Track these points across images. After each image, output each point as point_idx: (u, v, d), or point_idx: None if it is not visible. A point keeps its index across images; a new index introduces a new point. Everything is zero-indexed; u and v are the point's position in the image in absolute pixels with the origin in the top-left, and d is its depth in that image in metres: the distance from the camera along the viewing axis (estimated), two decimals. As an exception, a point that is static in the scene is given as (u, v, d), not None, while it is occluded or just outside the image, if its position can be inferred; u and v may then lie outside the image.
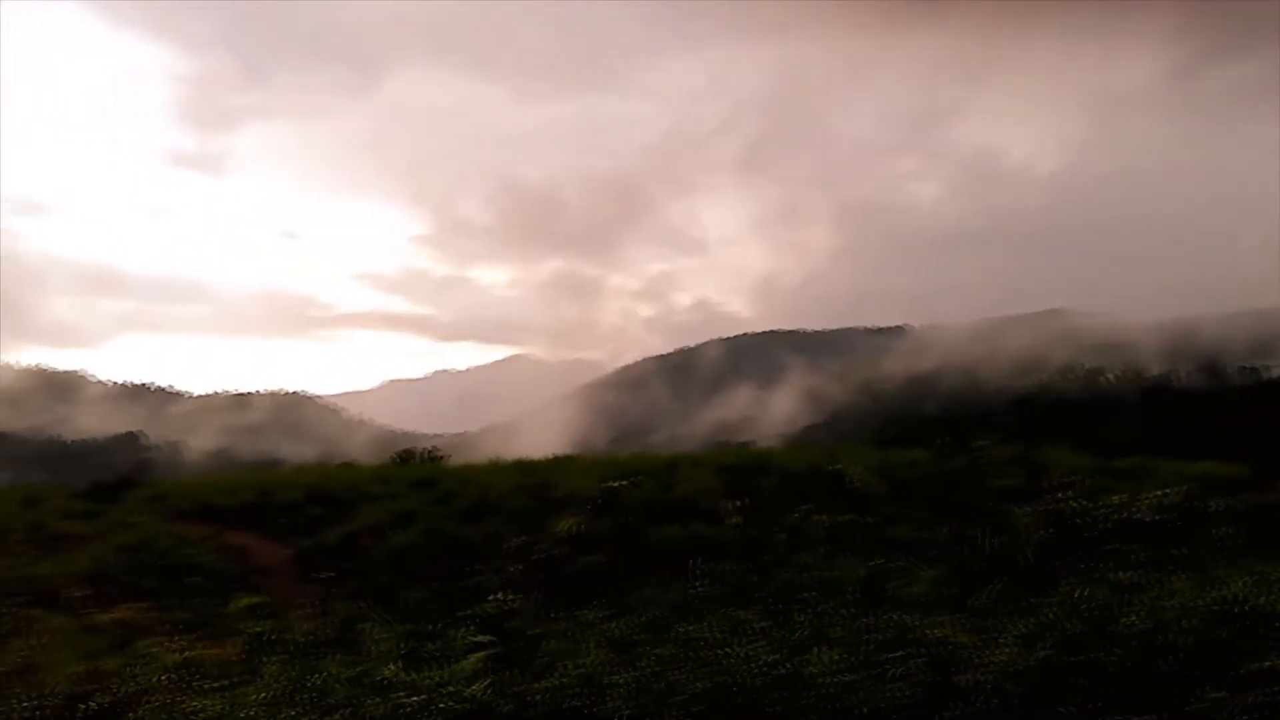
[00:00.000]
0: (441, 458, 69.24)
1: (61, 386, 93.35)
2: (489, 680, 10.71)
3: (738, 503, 23.37)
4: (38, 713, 12.87)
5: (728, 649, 13.00)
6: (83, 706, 12.35)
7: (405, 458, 64.09)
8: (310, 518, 39.88)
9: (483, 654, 11.84)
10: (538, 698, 10.59)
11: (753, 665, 12.28)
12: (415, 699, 9.96)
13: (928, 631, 13.85)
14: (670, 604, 16.14)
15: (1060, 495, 20.95)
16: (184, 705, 11.19)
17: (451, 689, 10.33)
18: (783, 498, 25.37)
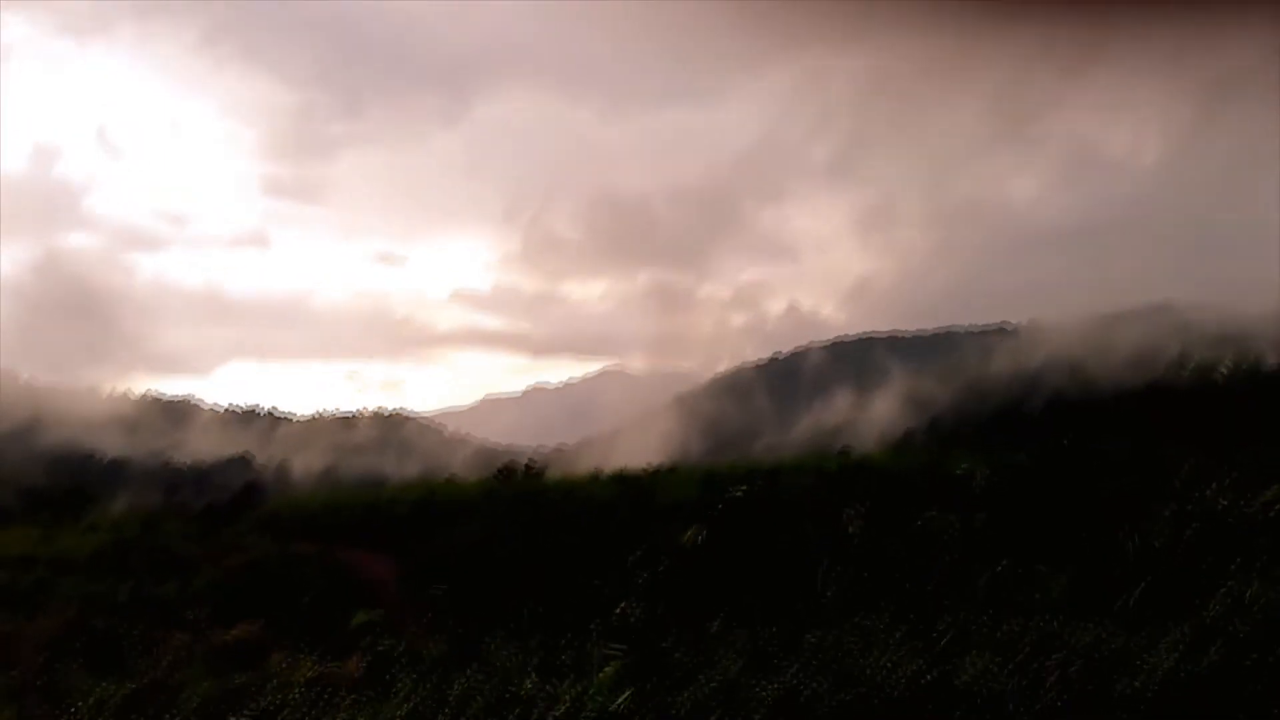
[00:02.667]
0: (541, 471, 69.76)
1: (174, 413, 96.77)
2: (628, 692, 10.41)
3: (855, 508, 22.76)
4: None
5: (866, 658, 12.51)
6: (227, 721, 12.42)
7: (506, 472, 64.72)
8: (417, 533, 40.44)
9: (617, 665, 11.53)
10: (679, 710, 10.26)
11: (896, 675, 11.78)
12: (556, 712, 9.72)
13: (1076, 636, 13.17)
14: (798, 612, 15.67)
15: (1195, 492, 19.94)
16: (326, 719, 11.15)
17: (592, 701, 10.07)
18: (899, 501, 24.69)
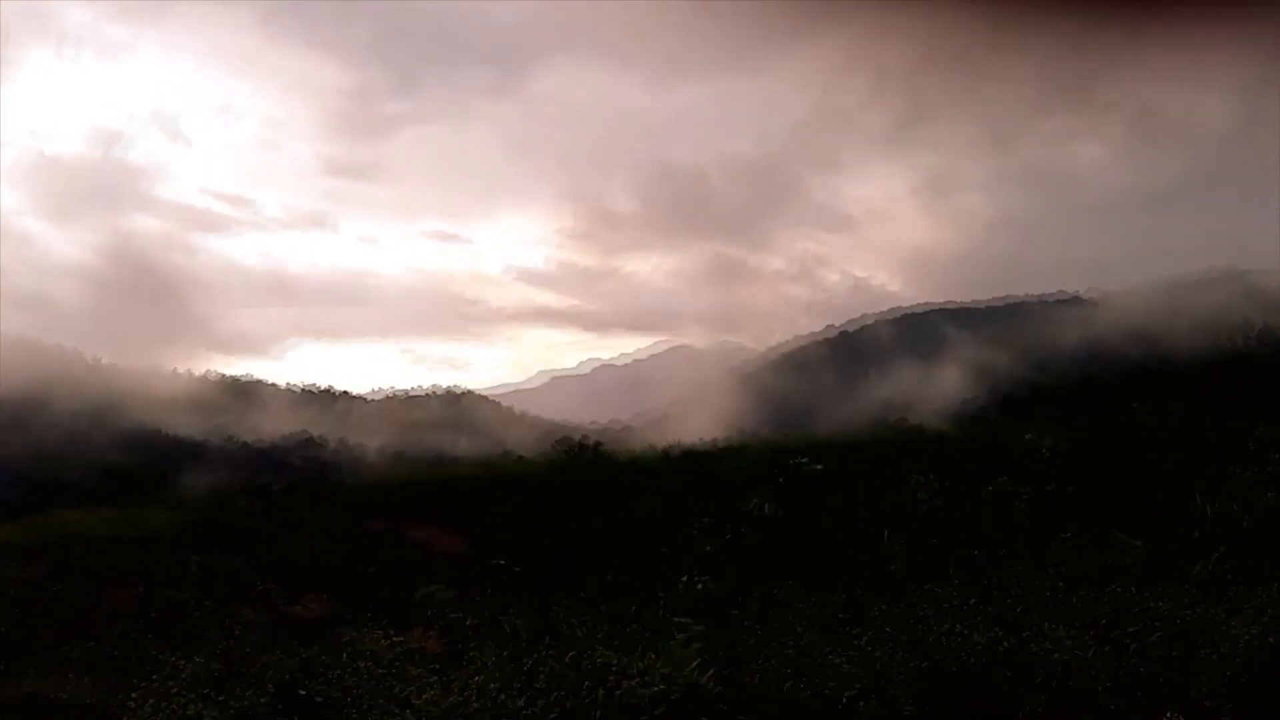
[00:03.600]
0: (603, 446, 69.90)
1: (241, 392, 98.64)
2: (699, 662, 10.36)
3: (922, 478, 22.49)
4: (260, 700, 13.13)
5: (938, 627, 12.35)
6: (301, 693, 12.52)
7: (569, 448, 65.00)
8: (483, 508, 40.77)
9: (687, 635, 11.50)
10: (753, 679, 10.20)
11: (971, 643, 11.61)
12: (631, 682, 9.70)
13: (1155, 604, 12.88)
14: (867, 582, 15.52)
15: (1275, 456, 19.43)
16: (400, 692, 11.20)
17: (666, 671, 10.03)
18: (966, 472, 24.35)
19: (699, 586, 14.75)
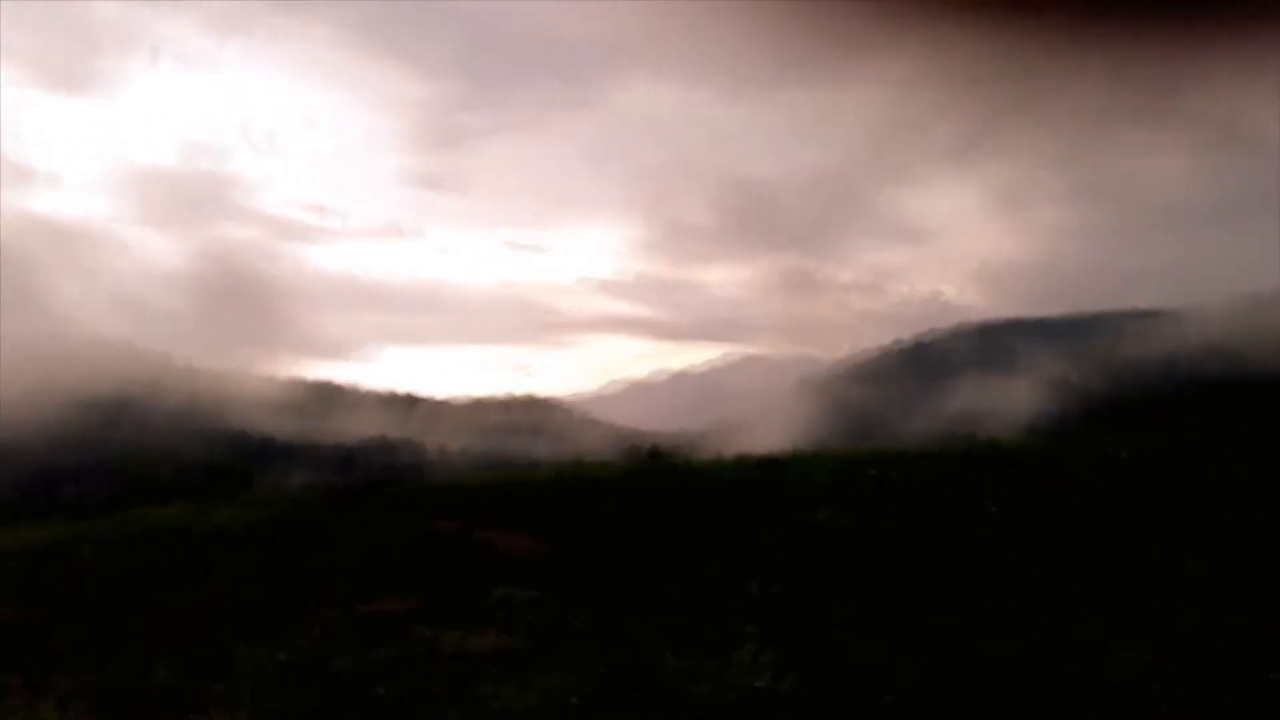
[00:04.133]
0: (673, 454, 70.04)
1: (329, 396, 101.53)
2: (768, 670, 10.54)
3: (996, 492, 22.30)
4: (332, 699, 13.57)
5: (1009, 643, 12.35)
6: (379, 693, 12.94)
7: (639, 455, 65.28)
8: (556, 513, 41.18)
9: (759, 644, 11.68)
10: (822, 689, 10.35)
11: (1041, 664, 11.61)
12: (700, 690, 9.91)
13: (1233, 627, 12.69)
14: (937, 595, 15.52)
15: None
16: (474, 693, 11.54)
17: (734, 679, 10.23)
18: (1041, 487, 24.08)
19: (769, 594, 14.89)
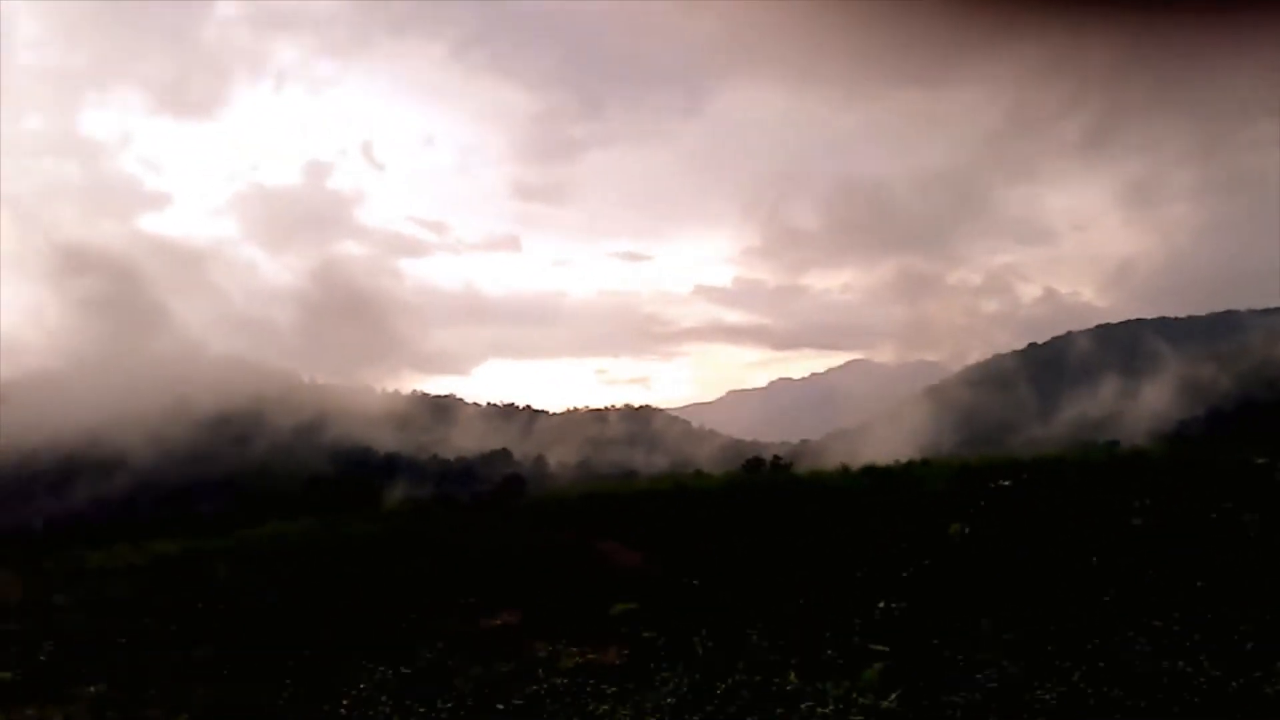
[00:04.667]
0: (788, 465, 69.26)
1: (440, 410, 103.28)
2: (897, 692, 9.96)
3: (1139, 502, 21.10)
4: (458, 712, 13.47)
5: (1158, 663, 11.49)
6: (500, 707, 12.78)
7: (753, 466, 64.72)
8: (668, 524, 40.85)
9: (883, 664, 11.08)
10: (953, 712, 9.72)
11: (1194, 681, 10.75)
12: (824, 710, 9.40)
13: None
14: (1076, 612, 14.60)
15: None
16: (590, 709, 11.27)
17: (859, 700, 9.68)
18: (1183, 496, 22.73)
19: (894, 612, 14.23)
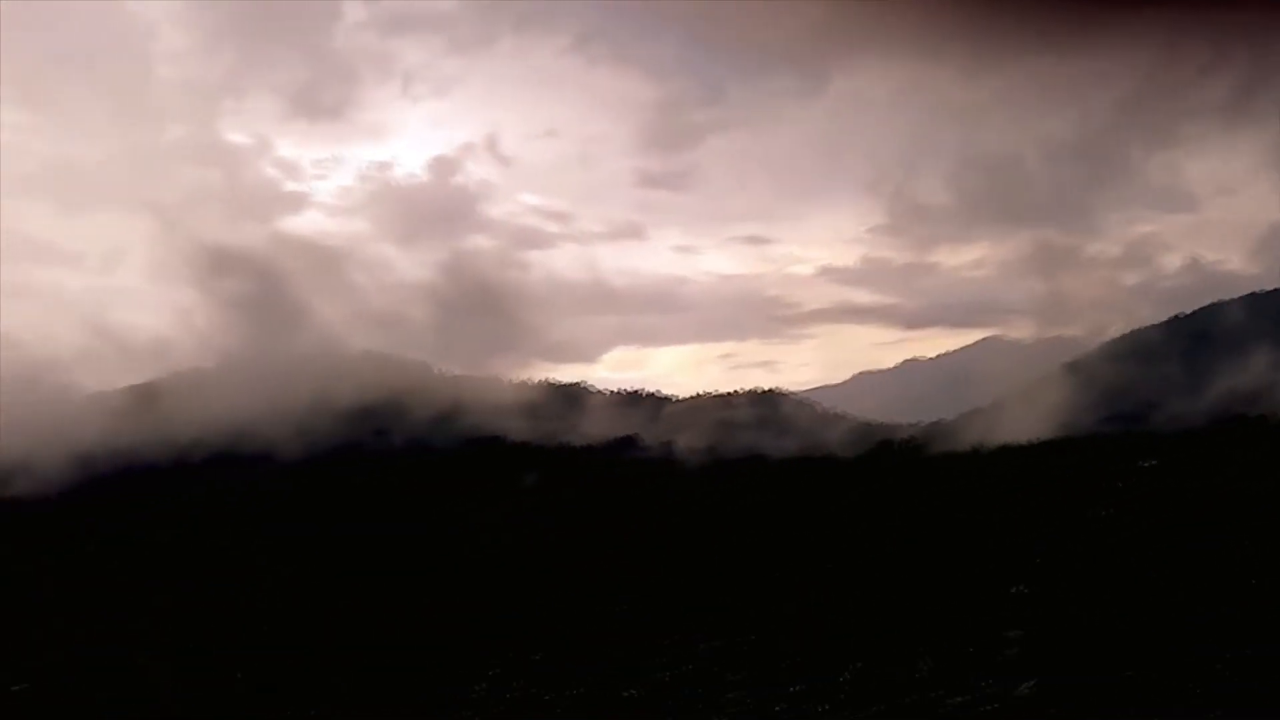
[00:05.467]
0: (920, 446, 67.67)
1: (567, 398, 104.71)
2: (1032, 681, 9.69)
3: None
4: (590, 697, 13.68)
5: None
6: (625, 695, 12.96)
7: (884, 447, 63.49)
8: (795, 506, 40.56)
9: (1018, 649, 10.83)
10: (1093, 702, 9.44)
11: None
12: (955, 700, 9.22)
13: None
14: (1225, 596, 13.98)
15: None
16: (719, 695, 11.32)
17: (992, 688, 9.48)
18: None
19: (1027, 596, 13.88)
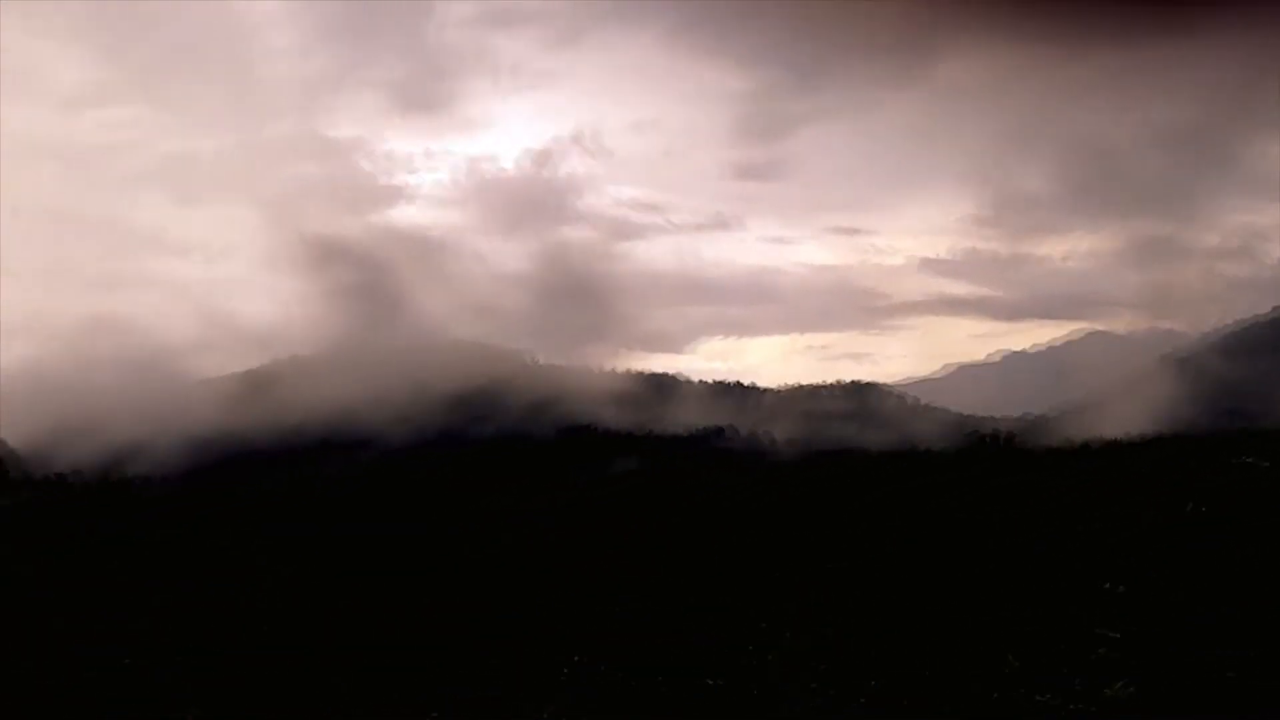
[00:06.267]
0: (1017, 441, 66.79)
1: (660, 388, 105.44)
2: (1128, 682, 9.74)
3: None
4: (676, 687, 14.05)
5: None
6: (711, 683, 13.28)
7: (979, 441, 62.83)
8: (886, 500, 40.44)
9: (1110, 650, 10.89)
10: (1191, 707, 9.48)
11: None
12: (1044, 699, 9.33)
13: None
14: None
15: None
16: (807, 687, 11.57)
17: (1084, 688, 9.57)
18: None
19: (1122, 594, 13.85)
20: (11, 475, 75.21)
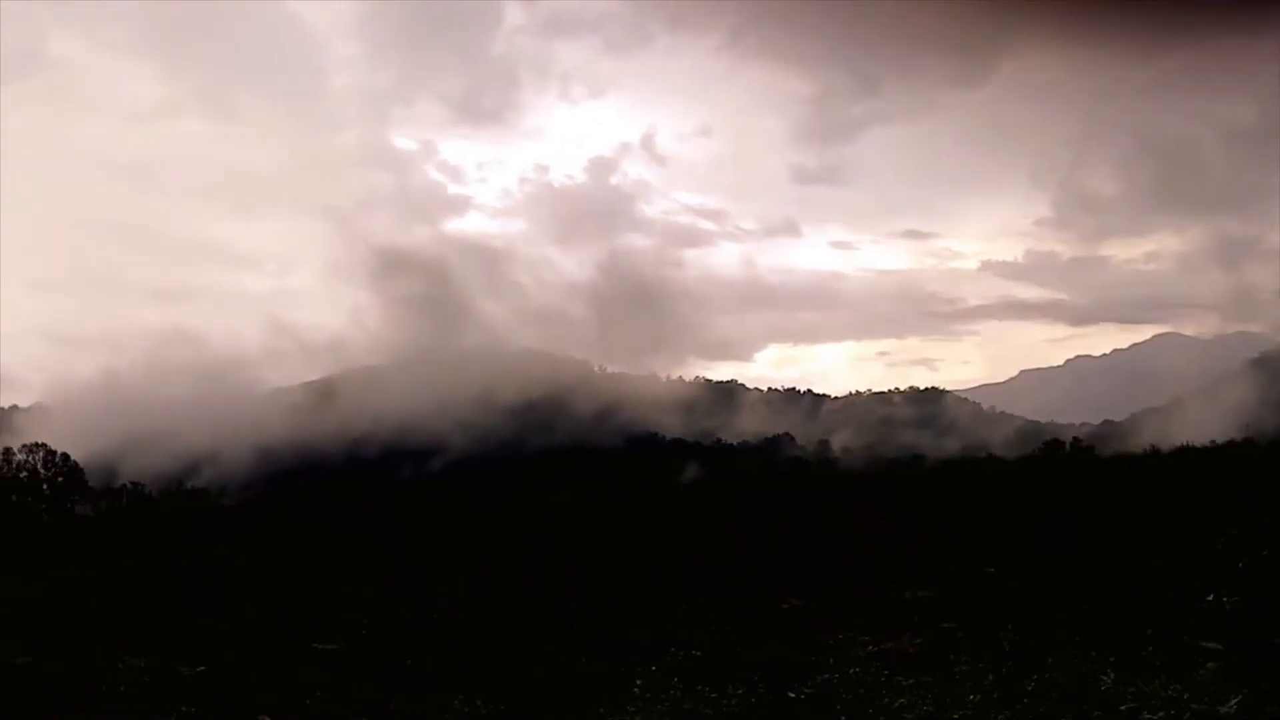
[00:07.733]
0: (1090, 447, 65.26)
1: (723, 395, 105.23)
2: (1239, 697, 9.19)
3: None
4: (750, 698, 13.70)
5: None
6: (791, 695, 12.90)
7: (1052, 448, 61.52)
8: (960, 509, 39.61)
9: (1218, 665, 10.30)
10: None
11: None
12: (1150, 717, 8.79)
13: None
14: None
15: None
16: (885, 701, 11.13)
17: (1191, 705, 9.01)
18: None
19: (1226, 606, 13.19)
20: (90, 485, 77.02)
